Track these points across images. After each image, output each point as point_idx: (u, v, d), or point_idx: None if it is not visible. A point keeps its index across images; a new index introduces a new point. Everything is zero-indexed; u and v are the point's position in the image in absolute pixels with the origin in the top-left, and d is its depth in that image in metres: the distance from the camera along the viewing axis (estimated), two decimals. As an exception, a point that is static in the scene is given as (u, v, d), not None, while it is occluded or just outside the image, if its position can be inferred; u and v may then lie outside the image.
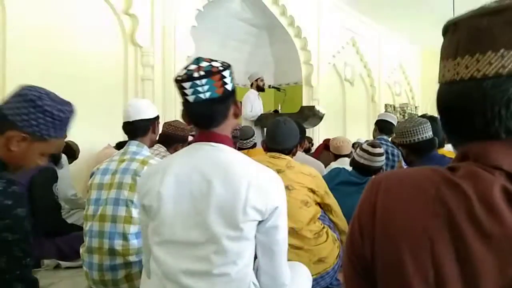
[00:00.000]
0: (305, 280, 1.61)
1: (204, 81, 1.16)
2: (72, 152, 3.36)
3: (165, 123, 3.17)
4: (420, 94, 11.29)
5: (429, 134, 2.14)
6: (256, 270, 1.26)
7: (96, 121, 3.89)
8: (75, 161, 3.50)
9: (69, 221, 2.95)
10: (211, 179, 1.14)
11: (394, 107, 9.59)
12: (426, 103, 11.18)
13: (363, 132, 8.38)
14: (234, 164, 1.18)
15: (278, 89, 5.48)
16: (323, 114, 4.98)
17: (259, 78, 5.16)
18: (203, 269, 1.14)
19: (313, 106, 4.98)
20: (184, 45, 4.81)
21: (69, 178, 3.09)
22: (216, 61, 1.22)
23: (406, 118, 9.01)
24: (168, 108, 4.62)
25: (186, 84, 1.17)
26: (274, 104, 6.41)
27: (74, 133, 3.03)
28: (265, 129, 5.04)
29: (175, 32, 4.72)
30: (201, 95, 1.17)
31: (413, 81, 10.97)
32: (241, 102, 5.50)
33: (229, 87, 1.22)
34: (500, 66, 0.51)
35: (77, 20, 3.93)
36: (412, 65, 10.83)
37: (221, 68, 1.19)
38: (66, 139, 2.98)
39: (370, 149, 2.47)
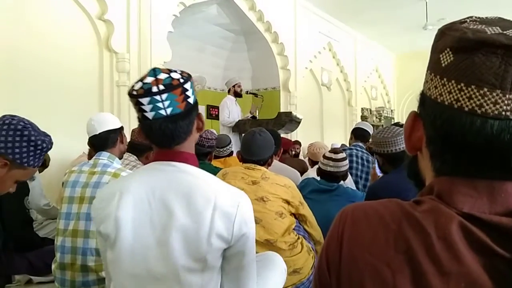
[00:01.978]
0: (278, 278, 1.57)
1: (164, 96, 1.05)
2: (43, 161, 3.28)
3: (133, 130, 3.08)
4: (395, 97, 11.50)
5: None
6: None
7: (70, 128, 3.81)
8: (46, 169, 3.42)
9: (42, 232, 2.88)
10: (172, 207, 1.04)
11: (370, 110, 9.73)
12: (401, 106, 11.40)
13: (340, 136, 8.48)
14: (197, 187, 1.07)
15: (255, 94, 5.50)
16: (300, 119, 5.02)
17: (236, 84, 5.17)
18: None
19: (290, 112, 5.02)
20: (160, 50, 4.77)
21: (41, 188, 3.01)
22: (175, 71, 1.11)
23: (382, 124, 9.19)
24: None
25: (144, 100, 1.04)
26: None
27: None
28: (242, 135, 5.05)
29: (152, 38, 4.68)
30: (162, 112, 1.05)
31: (389, 85, 11.17)
32: (218, 108, 5.53)
33: (191, 100, 1.11)
34: None
35: (50, 26, 3.85)
36: (387, 69, 11.03)
37: (182, 81, 1.08)
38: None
39: (333, 156, 2.56)
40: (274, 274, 1.55)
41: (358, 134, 3.57)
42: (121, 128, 2.09)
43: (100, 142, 1.98)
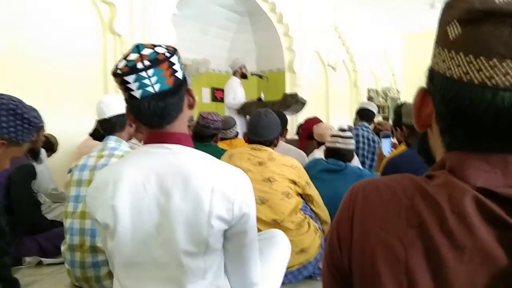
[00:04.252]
0: (281, 259, 1.54)
1: (150, 71, 0.99)
2: (50, 145, 3.30)
3: None
4: (402, 78, 11.37)
5: None
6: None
7: (75, 112, 3.82)
8: (54, 154, 3.44)
9: (50, 215, 2.91)
10: (169, 191, 1.00)
11: (376, 91, 9.64)
12: (408, 87, 11.28)
13: (345, 117, 8.43)
14: (194, 169, 1.02)
15: (261, 76, 5.45)
16: (306, 101, 4.99)
17: (242, 65, 5.12)
18: None
19: (296, 94, 4.98)
20: (165, 33, 4.72)
21: (49, 172, 3.04)
22: (159, 46, 1.05)
23: (388, 105, 9.11)
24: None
25: (130, 78, 0.99)
26: (257, 91, 6.38)
27: (53, 125, 2.99)
28: (248, 117, 5.03)
29: (156, 20, 4.63)
30: (149, 89, 0.99)
31: (395, 65, 11.02)
32: (222, 90, 5.50)
33: (179, 75, 1.05)
34: None
35: (53, 9, 3.82)
36: (394, 50, 10.88)
37: (168, 55, 1.02)
38: (45, 133, 2.93)
39: (341, 133, 2.61)
40: (277, 251, 1.54)
41: (363, 114, 3.55)
42: None
43: (109, 126, 1.99)
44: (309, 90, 7.06)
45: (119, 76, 1.00)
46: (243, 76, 5.13)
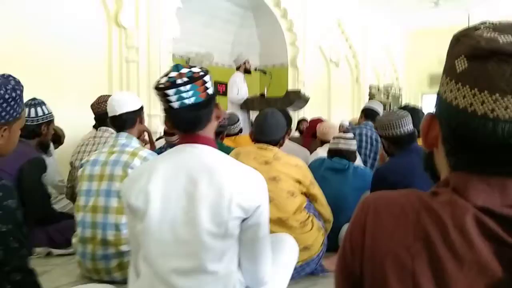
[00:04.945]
0: (288, 261, 1.65)
1: (188, 86, 1.20)
2: (58, 138, 3.36)
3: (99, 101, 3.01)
4: (404, 75, 11.39)
5: (410, 127, 2.22)
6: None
7: (80, 103, 3.84)
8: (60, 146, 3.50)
9: (56, 206, 2.97)
10: (196, 180, 1.18)
11: (378, 88, 9.68)
12: (410, 84, 11.32)
13: (347, 113, 8.48)
14: (218, 165, 1.23)
15: (264, 72, 5.48)
16: (309, 98, 5.03)
17: (246, 60, 5.15)
18: (191, 266, 1.18)
19: (299, 90, 5.02)
20: (169, 26, 4.76)
21: (56, 165, 3.09)
22: (195, 67, 1.27)
23: (390, 102, 9.14)
24: (153, 90, 4.61)
25: (170, 91, 1.20)
26: (260, 86, 6.42)
27: (58, 117, 3.03)
28: (250, 112, 5.08)
29: (160, 13, 4.66)
30: (186, 101, 1.21)
31: (398, 62, 11.04)
32: (225, 84, 5.53)
33: (210, 91, 1.27)
34: None
35: (60, 1, 3.85)
36: (397, 47, 10.88)
37: (202, 74, 1.25)
38: (53, 125, 2.97)
39: (342, 135, 2.75)
40: (285, 255, 1.64)
41: (368, 113, 3.61)
42: (141, 108, 2.13)
43: (120, 123, 2.04)
44: (311, 86, 7.10)
45: (162, 90, 1.22)
46: (247, 71, 5.17)
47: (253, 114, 4.90)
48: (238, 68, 5.17)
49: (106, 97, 2.91)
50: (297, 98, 4.79)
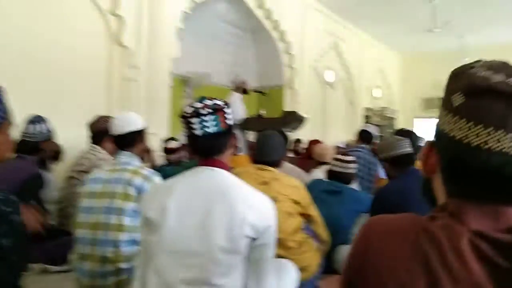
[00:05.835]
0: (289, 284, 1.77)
1: (212, 117, 1.35)
2: (56, 154, 3.37)
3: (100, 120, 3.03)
4: (399, 98, 11.57)
5: (409, 149, 2.30)
6: None
7: (79, 121, 3.88)
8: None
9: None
10: (212, 199, 1.30)
11: (373, 110, 9.80)
12: (405, 107, 11.47)
13: (341, 135, 8.57)
14: (232, 187, 1.35)
15: (262, 93, 5.56)
16: (305, 118, 5.10)
17: (243, 81, 5.23)
18: (199, 277, 1.26)
19: (295, 112, 5.10)
20: (170, 46, 4.85)
21: (54, 181, 3.11)
22: (216, 99, 1.41)
23: (385, 124, 9.24)
24: (153, 109, 4.67)
25: (194, 120, 1.35)
26: (257, 107, 6.50)
27: (58, 132, 3.06)
28: (246, 132, 5.13)
29: (161, 34, 4.75)
30: (209, 130, 1.35)
31: (393, 85, 11.23)
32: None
33: (230, 122, 1.42)
34: None
35: (62, 20, 3.91)
36: (392, 70, 11.10)
37: (224, 106, 1.40)
38: (54, 142, 3.00)
39: (342, 157, 2.78)
40: (286, 282, 1.77)
41: (363, 136, 3.67)
42: (144, 128, 2.18)
43: (122, 142, 2.08)
44: (307, 107, 7.19)
45: (187, 118, 1.36)
46: (244, 91, 5.25)
47: (250, 134, 4.96)
48: (236, 89, 5.24)
49: (104, 117, 2.96)
50: (294, 119, 4.86)
